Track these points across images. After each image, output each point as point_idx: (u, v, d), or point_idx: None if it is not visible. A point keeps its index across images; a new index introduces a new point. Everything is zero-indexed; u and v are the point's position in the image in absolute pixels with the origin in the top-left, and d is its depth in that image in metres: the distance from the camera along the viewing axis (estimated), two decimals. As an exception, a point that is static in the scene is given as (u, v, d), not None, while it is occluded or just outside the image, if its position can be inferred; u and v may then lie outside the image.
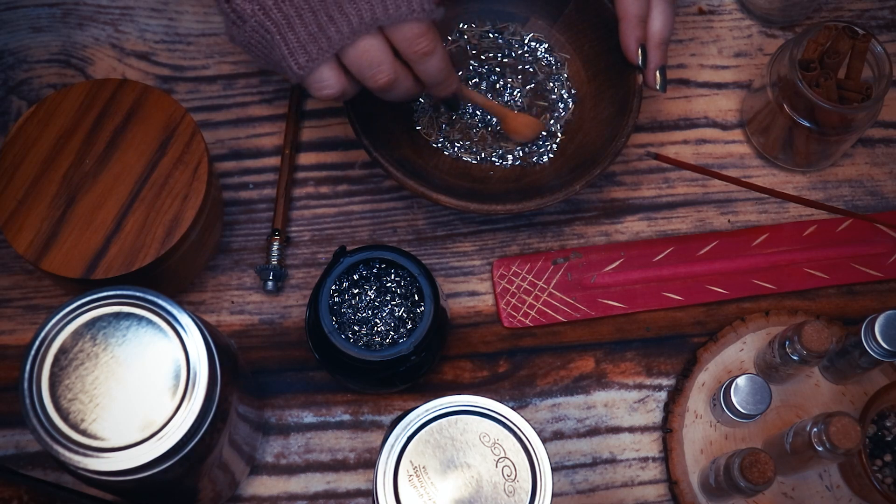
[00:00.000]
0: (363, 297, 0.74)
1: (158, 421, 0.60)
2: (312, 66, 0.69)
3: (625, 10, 0.78)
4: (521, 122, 0.83)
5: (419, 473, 0.60)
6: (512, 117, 0.83)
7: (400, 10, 0.68)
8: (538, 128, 0.83)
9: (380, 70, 0.70)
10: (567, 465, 0.79)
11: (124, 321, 0.61)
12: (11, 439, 0.78)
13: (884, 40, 0.90)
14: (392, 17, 0.68)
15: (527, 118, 0.83)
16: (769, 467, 0.70)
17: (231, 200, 0.84)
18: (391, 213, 0.85)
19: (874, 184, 0.87)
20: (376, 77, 0.70)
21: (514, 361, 0.81)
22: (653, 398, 0.81)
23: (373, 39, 0.69)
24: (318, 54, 0.69)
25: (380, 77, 0.70)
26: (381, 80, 0.70)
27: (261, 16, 0.68)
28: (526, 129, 0.83)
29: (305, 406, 0.80)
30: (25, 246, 0.72)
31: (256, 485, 0.78)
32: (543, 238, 0.84)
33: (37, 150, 0.74)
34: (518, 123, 0.83)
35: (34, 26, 0.87)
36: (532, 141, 0.84)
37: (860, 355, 0.75)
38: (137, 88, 0.75)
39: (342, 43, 0.68)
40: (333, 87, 0.70)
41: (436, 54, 0.71)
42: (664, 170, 0.87)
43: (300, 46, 0.68)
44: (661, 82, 0.79)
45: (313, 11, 0.68)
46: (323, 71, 0.70)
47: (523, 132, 0.83)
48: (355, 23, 0.67)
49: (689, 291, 0.83)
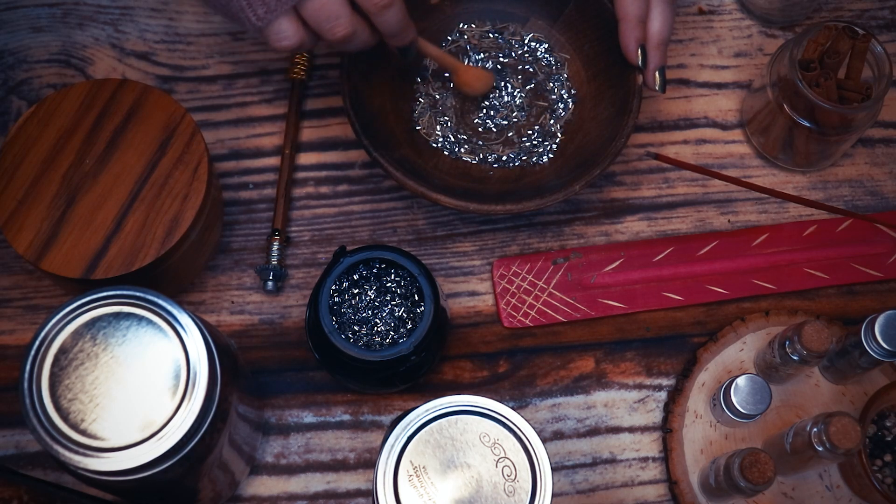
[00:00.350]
0: (363, 297, 0.74)
1: (158, 421, 0.60)
2: (271, 17, 0.69)
3: (624, 10, 0.78)
4: (472, 75, 0.83)
5: (419, 473, 0.60)
6: (463, 70, 0.83)
7: None
8: (489, 80, 0.83)
9: (338, 23, 0.70)
10: (567, 465, 0.79)
11: (124, 321, 0.61)
12: (11, 439, 0.78)
13: (884, 40, 0.90)
14: None
15: (479, 71, 0.83)
16: (769, 467, 0.70)
17: (231, 200, 0.84)
18: (391, 213, 0.85)
19: (874, 184, 0.87)
20: (334, 30, 0.70)
21: (514, 361, 0.81)
22: (653, 398, 0.81)
23: None
24: (277, 6, 0.68)
25: (338, 30, 0.70)
26: (340, 33, 0.70)
27: None
28: (477, 81, 0.83)
29: (305, 406, 0.80)
30: (25, 246, 0.72)
31: (256, 485, 0.78)
32: (543, 238, 0.84)
33: (37, 150, 0.74)
34: (470, 76, 0.83)
35: (34, 26, 0.87)
36: (483, 94, 0.84)
37: (860, 355, 0.75)
38: (137, 88, 0.75)
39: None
40: (291, 39, 0.70)
41: (394, 6, 0.71)
42: (664, 170, 0.87)
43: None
44: (661, 83, 0.79)
45: None
46: (281, 22, 0.70)
47: (474, 85, 0.83)
48: None
49: (689, 291, 0.83)
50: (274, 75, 0.87)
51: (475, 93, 0.84)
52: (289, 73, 0.86)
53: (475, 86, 0.83)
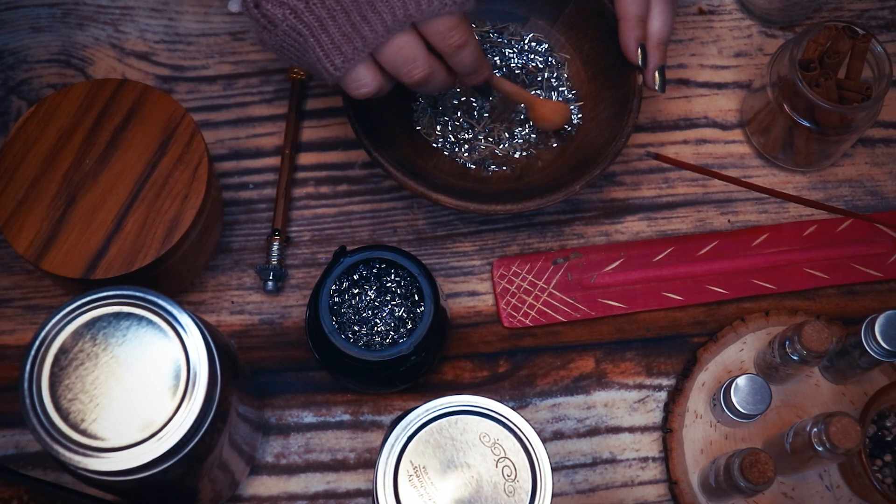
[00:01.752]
0: (363, 297, 0.74)
1: (158, 421, 0.60)
2: (348, 66, 0.69)
3: (624, 9, 0.78)
4: (549, 109, 0.82)
5: (419, 473, 0.60)
6: (540, 104, 0.82)
7: (432, 5, 0.68)
8: (566, 112, 0.82)
9: (415, 66, 0.70)
10: (567, 465, 0.79)
11: (124, 321, 0.61)
12: (11, 439, 0.78)
13: (884, 40, 0.90)
14: (425, 12, 0.68)
15: (555, 104, 0.82)
16: (769, 467, 0.70)
17: (231, 200, 0.84)
18: (391, 213, 0.85)
19: (874, 184, 0.87)
20: (412, 73, 0.70)
21: (514, 361, 0.81)
22: (653, 398, 0.81)
23: (406, 36, 0.69)
24: (354, 54, 0.69)
25: (416, 73, 0.70)
26: (417, 76, 0.71)
27: (293, 20, 0.68)
28: (554, 114, 0.82)
29: (305, 406, 0.80)
30: (25, 246, 0.72)
31: (256, 485, 0.78)
32: (543, 238, 0.84)
33: (37, 150, 0.74)
34: (546, 110, 0.82)
35: (34, 26, 0.87)
36: (561, 127, 0.83)
37: (860, 355, 0.75)
38: (137, 88, 0.75)
39: (377, 42, 0.68)
40: (370, 86, 0.71)
41: (468, 45, 0.71)
42: (664, 170, 0.87)
43: (335, 48, 0.68)
44: (660, 83, 0.79)
45: (346, 12, 0.67)
46: (359, 70, 0.70)
47: (552, 118, 0.82)
48: (389, 21, 0.68)
49: (689, 291, 0.83)
50: (274, 75, 0.87)
51: (553, 127, 0.82)
52: (289, 72, 0.86)
53: (553, 119, 0.82)
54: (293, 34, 0.69)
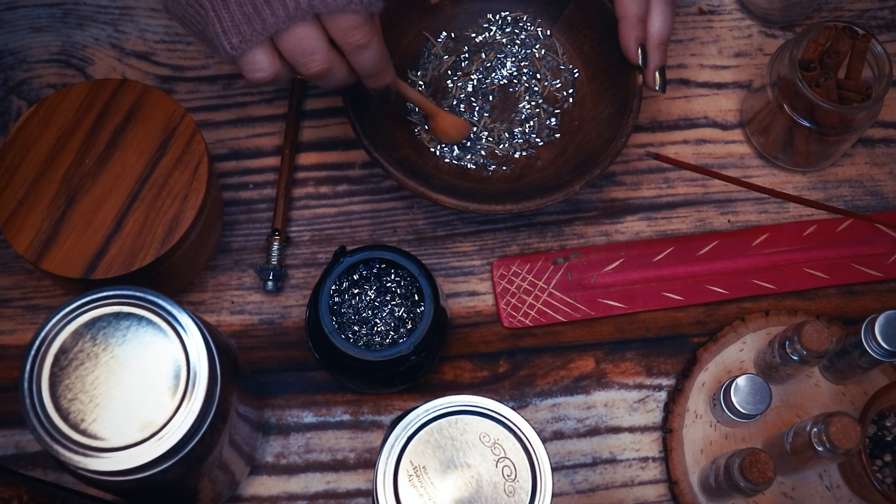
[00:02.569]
0: (363, 297, 0.74)
1: (158, 421, 0.60)
2: (245, 47, 0.68)
3: (624, 9, 0.77)
4: (448, 123, 0.82)
5: (419, 473, 0.60)
6: (442, 116, 0.82)
7: (337, 1, 0.66)
8: (465, 130, 0.83)
9: (313, 58, 0.69)
10: (567, 465, 0.79)
11: (124, 321, 0.61)
12: (11, 439, 0.78)
13: (884, 40, 0.90)
14: (329, 5, 0.66)
15: (455, 119, 0.82)
16: (769, 467, 0.70)
17: (231, 200, 0.84)
18: (391, 213, 0.85)
19: (874, 184, 0.87)
20: (309, 65, 0.69)
21: (514, 361, 0.81)
22: (653, 398, 0.81)
23: (308, 27, 0.67)
24: (252, 36, 0.67)
25: (313, 65, 0.69)
26: (314, 69, 0.69)
27: None
28: (453, 129, 0.82)
29: (305, 406, 0.80)
30: (25, 246, 0.72)
31: (256, 485, 0.78)
32: (543, 238, 0.84)
33: (37, 150, 0.74)
34: (446, 124, 0.82)
35: (34, 26, 0.87)
36: (457, 142, 0.83)
37: (860, 355, 0.75)
38: (137, 88, 0.75)
39: (277, 27, 0.67)
40: (265, 71, 0.69)
41: (370, 47, 0.70)
42: (664, 170, 0.87)
43: (234, 26, 0.67)
44: (661, 83, 0.79)
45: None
46: (256, 54, 0.68)
47: (450, 132, 0.82)
48: (291, 8, 0.66)
49: (689, 291, 0.83)
50: (274, 75, 0.87)
51: (451, 141, 0.83)
52: (289, 73, 0.86)
53: (451, 133, 0.82)
54: (195, 5, 0.67)
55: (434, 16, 0.86)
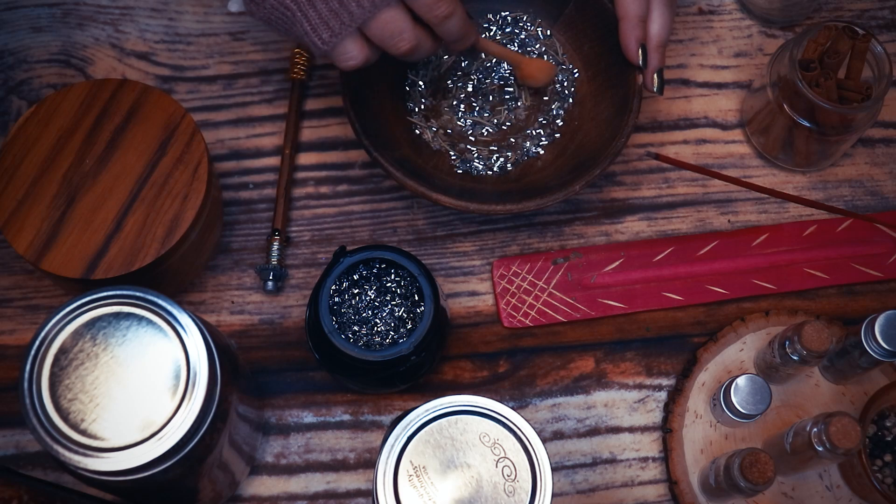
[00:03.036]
0: (363, 297, 0.74)
1: (158, 421, 0.60)
2: (336, 40, 0.70)
3: (625, 10, 0.78)
4: (535, 67, 0.83)
5: (419, 473, 0.60)
6: (526, 63, 0.83)
7: None
8: (552, 71, 0.84)
9: (402, 38, 0.71)
10: (567, 465, 0.79)
11: (124, 321, 0.61)
12: (11, 439, 0.78)
13: (884, 40, 0.90)
14: None
15: (540, 62, 0.84)
16: (769, 467, 0.70)
17: (231, 200, 0.84)
18: (391, 213, 0.85)
19: (874, 184, 0.87)
20: (399, 45, 0.71)
21: (514, 361, 0.81)
22: (653, 398, 0.81)
23: (393, 10, 0.70)
24: (341, 29, 0.70)
25: (402, 44, 0.71)
26: (404, 47, 0.72)
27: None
28: (540, 73, 0.84)
29: (305, 406, 0.80)
30: (25, 246, 0.72)
31: (256, 485, 0.78)
32: (543, 238, 0.84)
33: (37, 150, 0.74)
34: (533, 68, 0.83)
35: (34, 26, 0.87)
36: (546, 84, 0.84)
37: (860, 355, 0.75)
38: (137, 88, 0.75)
39: (364, 17, 0.69)
40: (357, 59, 0.72)
41: (455, 14, 0.72)
42: (664, 170, 0.87)
43: (322, 23, 0.69)
44: (659, 84, 0.79)
45: None
46: (346, 44, 0.71)
47: (537, 76, 0.84)
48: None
49: (689, 291, 0.83)
50: (274, 75, 0.87)
51: (539, 84, 0.84)
52: (289, 73, 0.86)
53: (539, 77, 0.84)
54: (280, 8, 0.70)
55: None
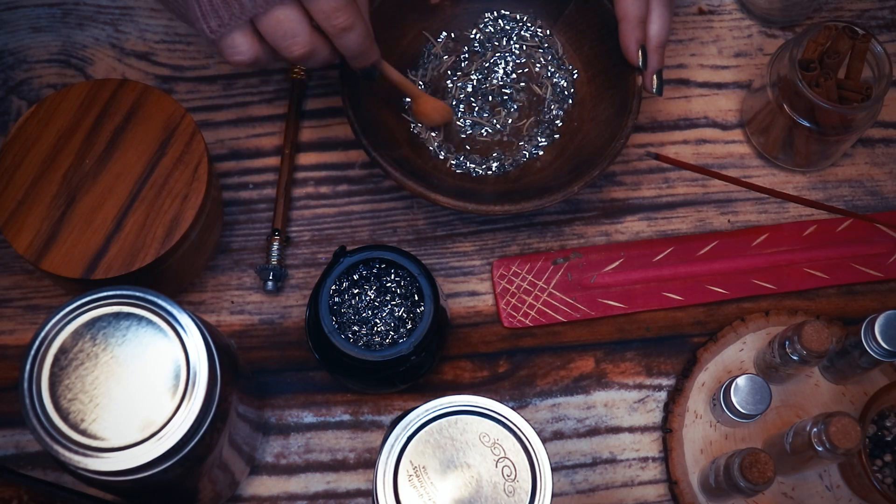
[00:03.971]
0: (363, 297, 0.74)
1: (158, 421, 0.60)
2: (224, 31, 0.68)
3: (625, 11, 0.77)
4: (430, 106, 0.82)
5: (419, 473, 0.60)
6: (423, 100, 0.82)
7: None
8: (447, 114, 0.83)
9: (294, 42, 0.68)
10: (567, 465, 0.79)
11: (124, 321, 0.61)
12: (11, 439, 0.78)
13: (884, 40, 0.90)
14: None
15: (436, 102, 0.82)
16: (769, 467, 0.70)
17: (231, 200, 0.84)
18: (391, 213, 0.85)
19: (874, 184, 0.87)
20: (291, 48, 0.69)
21: (514, 361, 0.81)
22: (653, 398, 0.81)
23: (288, 10, 0.67)
24: (231, 20, 0.67)
25: (295, 48, 0.69)
26: (297, 52, 0.69)
27: None
28: (434, 112, 0.82)
29: (305, 406, 0.80)
30: (25, 246, 0.72)
31: (256, 485, 0.78)
32: (543, 238, 0.84)
33: (37, 150, 0.74)
34: (427, 107, 0.82)
35: (34, 26, 0.87)
36: (439, 126, 0.83)
37: (860, 355, 0.75)
38: (137, 88, 0.75)
39: (255, 11, 0.67)
40: (245, 54, 0.69)
41: (354, 29, 0.69)
42: (664, 170, 0.87)
43: (212, 10, 0.67)
44: (658, 86, 0.79)
45: None
46: (235, 37, 0.68)
47: (431, 115, 0.82)
48: None
49: (689, 291, 0.83)
50: (274, 75, 0.87)
51: (431, 124, 0.83)
52: (289, 73, 0.86)
53: (432, 116, 0.82)
54: None
55: (434, 16, 0.86)
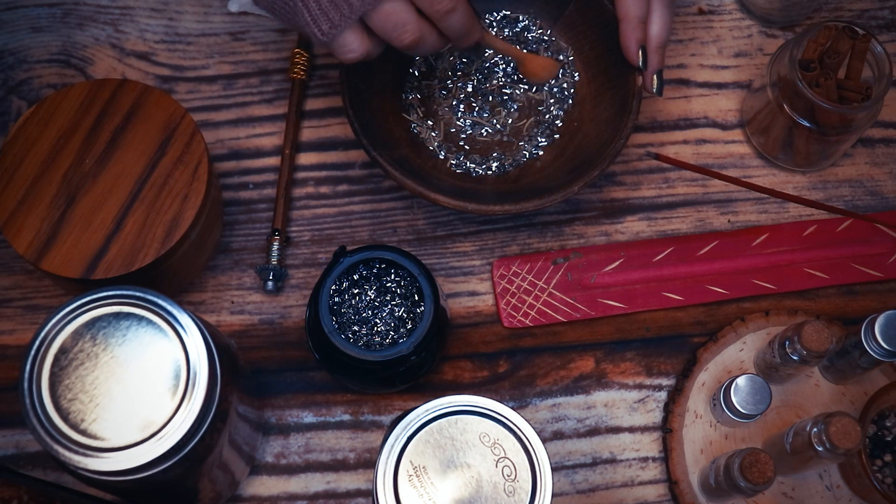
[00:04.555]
0: (363, 297, 0.74)
1: (158, 421, 0.60)
2: (335, 32, 0.70)
3: (626, 11, 0.77)
4: (538, 65, 0.83)
5: (419, 473, 0.60)
6: (530, 59, 0.83)
7: None
8: (555, 68, 0.84)
9: (405, 30, 0.70)
10: (567, 465, 0.79)
11: (124, 321, 0.61)
12: (11, 439, 0.78)
13: (884, 40, 0.90)
14: None
15: (544, 59, 0.84)
16: (769, 467, 0.70)
17: (231, 200, 0.84)
18: (391, 213, 0.85)
19: (874, 184, 0.87)
20: (402, 37, 0.70)
21: (514, 361, 0.81)
22: (653, 398, 0.81)
23: (396, 2, 0.69)
24: (341, 21, 0.69)
25: (405, 37, 0.70)
26: (407, 40, 0.71)
27: None
28: (543, 70, 0.84)
29: (305, 406, 0.80)
30: (25, 246, 0.72)
31: (256, 485, 0.78)
32: (543, 238, 0.84)
33: (37, 150, 0.74)
34: (535, 66, 0.83)
35: (34, 26, 0.87)
36: (547, 81, 0.85)
37: (860, 355, 0.75)
38: (137, 88, 0.75)
39: (364, 9, 0.69)
40: (357, 52, 0.71)
41: (457, 10, 0.71)
42: (664, 170, 0.87)
43: (322, 13, 0.69)
44: (658, 86, 0.79)
45: None
46: (346, 36, 0.70)
47: (540, 73, 0.84)
48: None
49: (689, 291, 0.83)
50: (274, 75, 0.87)
51: (541, 81, 0.84)
52: (289, 73, 0.86)
53: (541, 74, 0.84)
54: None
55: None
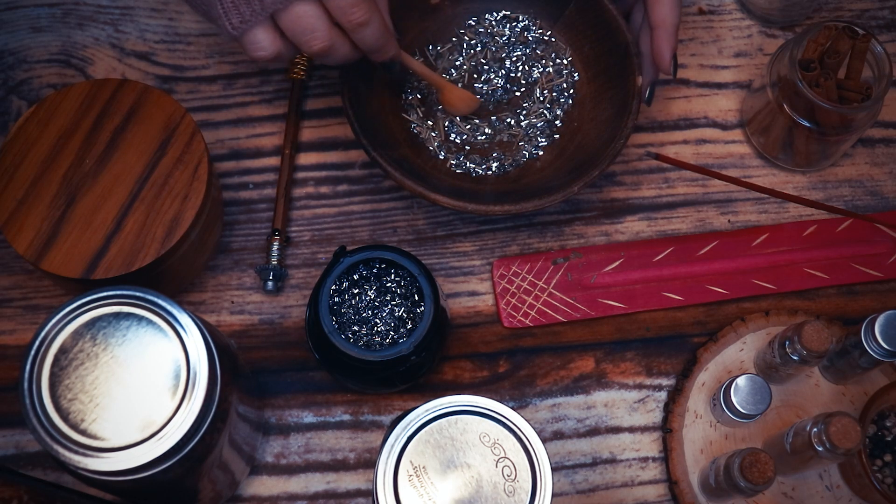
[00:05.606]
0: (363, 297, 0.74)
1: (158, 421, 0.60)
2: (245, 27, 0.69)
3: (661, 18, 0.77)
4: (456, 96, 0.82)
5: (419, 473, 0.60)
6: (449, 89, 0.82)
7: None
8: (473, 104, 0.83)
9: (314, 36, 0.69)
10: (567, 465, 0.79)
11: (124, 321, 0.61)
12: (11, 439, 0.78)
13: (884, 40, 0.90)
14: None
15: (463, 92, 0.83)
16: (769, 467, 0.70)
17: (231, 200, 0.84)
18: (391, 213, 0.85)
19: (874, 184, 0.87)
20: (311, 43, 0.70)
21: (514, 361, 0.81)
22: (653, 398, 0.81)
23: (307, 5, 0.68)
24: (252, 16, 0.68)
25: (314, 43, 0.70)
26: (316, 46, 0.70)
27: None
28: (461, 102, 0.83)
29: (305, 406, 0.80)
30: (25, 246, 0.72)
31: (256, 485, 0.78)
32: (543, 238, 0.84)
33: (37, 150, 0.74)
34: (454, 97, 0.82)
35: (34, 26, 0.87)
36: (466, 115, 0.83)
37: (860, 355, 0.75)
38: (137, 88, 0.75)
39: (276, 6, 0.68)
40: (267, 50, 0.70)
41: (371, 24, 0.70)
42: (664, 170, 0.87)
43: (234, 7, 0.68)
44: (674, 68, 0.78)
45: None
46: (257, 33, 0.69)
47: (458, 105, 0.83)
48: None
49: (689, 291, 0.83)
50: (274, 75, 0.87)
51: (458, 113, 0.83)
52: (289, 73, 0.86)
53: (458, 106, 0.83)
54: None
55: (434, 16, 0.86)
